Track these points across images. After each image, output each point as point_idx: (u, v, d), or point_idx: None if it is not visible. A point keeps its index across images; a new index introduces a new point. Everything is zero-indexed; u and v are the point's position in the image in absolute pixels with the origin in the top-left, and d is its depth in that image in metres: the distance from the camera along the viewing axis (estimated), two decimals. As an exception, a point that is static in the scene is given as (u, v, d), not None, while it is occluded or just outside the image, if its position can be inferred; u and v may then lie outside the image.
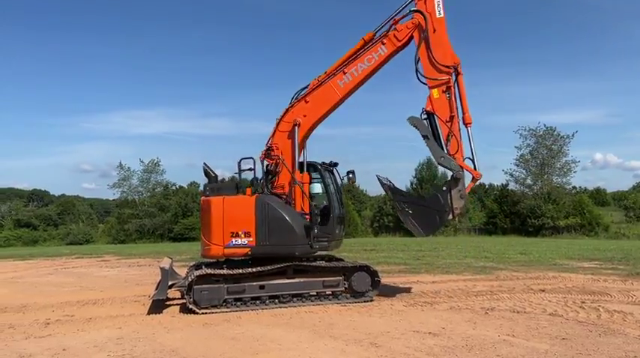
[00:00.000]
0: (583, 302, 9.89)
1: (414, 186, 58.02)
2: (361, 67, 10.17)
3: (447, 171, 10.05)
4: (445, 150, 9.81)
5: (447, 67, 9.83)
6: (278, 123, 10.38)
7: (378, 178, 10.10)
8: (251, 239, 9.67)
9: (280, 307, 9.56)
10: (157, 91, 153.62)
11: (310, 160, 10.51)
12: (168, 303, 10.26)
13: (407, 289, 11.75)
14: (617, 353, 6.41)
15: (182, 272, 11.29)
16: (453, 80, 9.88)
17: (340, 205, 10.83)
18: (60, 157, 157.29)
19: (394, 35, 10.07)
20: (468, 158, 9.84)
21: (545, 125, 52.67)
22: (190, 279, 9.31)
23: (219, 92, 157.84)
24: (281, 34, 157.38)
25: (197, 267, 10.43)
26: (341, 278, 10.08)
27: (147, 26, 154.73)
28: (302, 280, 9.88)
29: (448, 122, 9.77)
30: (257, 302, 9.61)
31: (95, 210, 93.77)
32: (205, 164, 10.53)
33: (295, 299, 9.77)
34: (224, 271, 9.51)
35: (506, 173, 55.31)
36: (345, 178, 10.90)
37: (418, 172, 59.80)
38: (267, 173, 10.29)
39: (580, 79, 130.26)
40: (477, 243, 31.42)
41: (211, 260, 10.41)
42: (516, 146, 53.92)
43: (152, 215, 58.40)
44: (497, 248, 26.00)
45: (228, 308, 9.38)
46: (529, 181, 53.97)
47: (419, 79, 10.11)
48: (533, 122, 76.36)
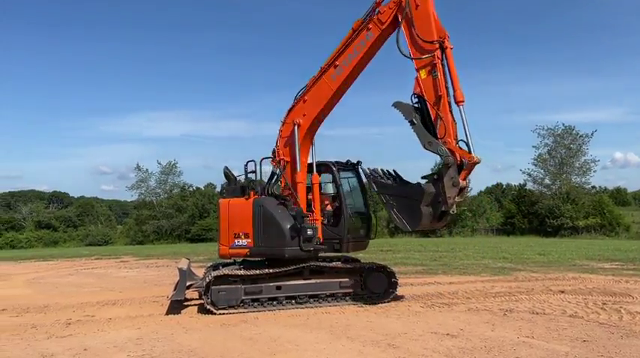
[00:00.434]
0: (604, 303, 9.72)
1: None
2: (351, 57, 9.70)
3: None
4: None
5: (432, 43, 8.90)
6: (281, 125, 10.39)
7: (363, 169, 9.79)
8: (249, 240, 9.84)
9: (297, 308, 9.58)
10: (174, 93, 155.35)
11: (323, 160, 10.43)
12: (186, 304, 10.36)
13: (424, 290, 11.70)
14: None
15: (200, 272, 11.40)
16: (441, 55, 8.90)
17: (364, 205, 10.77)
18: (79, 160, 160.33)
19: (378, 18, 9.47)
20: (462, 140, 8.77)
21: (563, 124, 52.03)
22: (208, 280, 9.38)
23: (235, 94, 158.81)
24: (303, 36, 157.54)
25: (214, 268, 10.52)
26: (358, 279, 10.06)
27: (163, 29, 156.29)
28: (319, 281, 9.88)
29: (436, 104, 8.88)
30: (274, 302, 9.65)
31: (114, 212, 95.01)
32: (226, 167, 10.76)
33: (312, 300, 9.79)
34: (241, 272, 9.58)
35: (523, 173, 54.67)
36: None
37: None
38: (271, 175, 10.35)
39: (599, 77, 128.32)
40: (495, 244, 31.08)
41: (226, 260, 10.51)
42: (534, 146, 53.28)
43: (169, 216, 58.89)
44: (515, 248, 25.71)
45: (245, 308, 9.43)
46: (547, 181, 53.27)
47: (401, 53, 9.17)
48: (550, 121, 75.34)
